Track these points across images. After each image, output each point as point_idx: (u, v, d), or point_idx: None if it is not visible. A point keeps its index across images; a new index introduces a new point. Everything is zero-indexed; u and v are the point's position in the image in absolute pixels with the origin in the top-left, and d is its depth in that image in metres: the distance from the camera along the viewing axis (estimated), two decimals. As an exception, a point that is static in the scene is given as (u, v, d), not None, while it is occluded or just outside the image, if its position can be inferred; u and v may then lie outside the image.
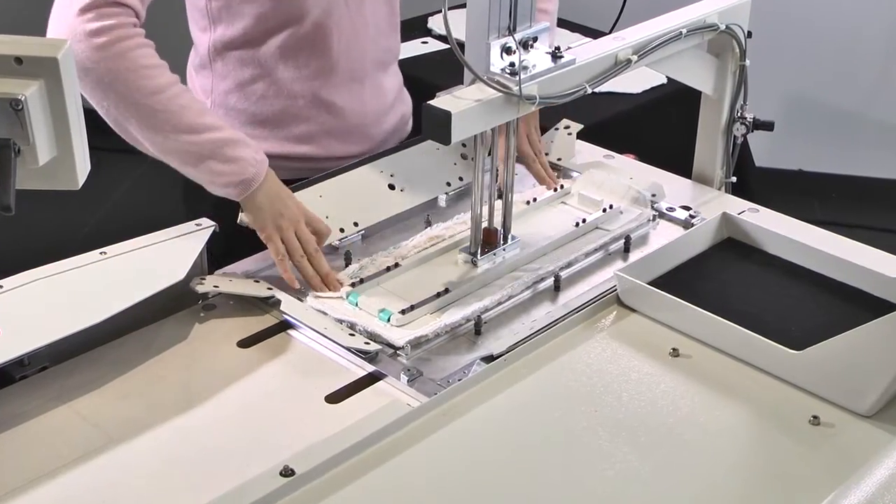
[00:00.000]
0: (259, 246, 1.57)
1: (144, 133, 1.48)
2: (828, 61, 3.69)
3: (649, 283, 1.51)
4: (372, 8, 1.73)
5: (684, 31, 1.63)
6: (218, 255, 1.57)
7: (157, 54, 1.48)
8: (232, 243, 1.59)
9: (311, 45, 1.68)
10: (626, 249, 1.68)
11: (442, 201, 1.79)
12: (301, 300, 1.51)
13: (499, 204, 1.63)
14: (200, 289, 1.49)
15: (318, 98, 1.72)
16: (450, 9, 1.35)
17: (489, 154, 1.58)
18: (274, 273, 1.57)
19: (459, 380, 1.36)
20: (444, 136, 1.38)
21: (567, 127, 2.00)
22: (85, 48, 1.42)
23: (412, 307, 1.49)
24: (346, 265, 1.59)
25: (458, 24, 1.39)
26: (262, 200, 1.52)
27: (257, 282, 1.54)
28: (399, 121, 1.87)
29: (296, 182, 1.66)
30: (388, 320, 1.47)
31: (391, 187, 1.73)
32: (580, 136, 1.98)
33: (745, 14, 1.75)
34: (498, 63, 1.43)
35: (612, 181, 1.83)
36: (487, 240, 1.62)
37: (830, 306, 1.53)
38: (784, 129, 2.68)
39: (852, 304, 1.53)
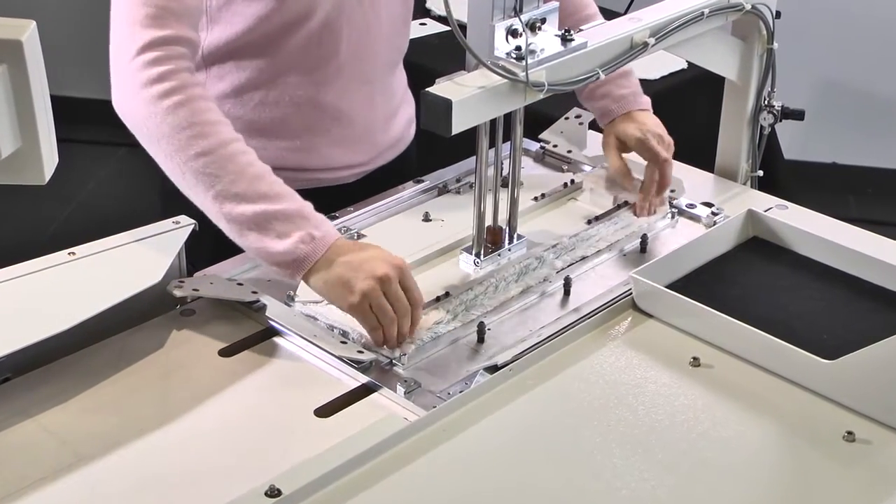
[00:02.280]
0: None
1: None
2: (863, 44, 3.69)
3: (667, 287, 1.52)
4: (387, 0, 1.71)
5: (706, 11, 1.63)
6: (198, 255, 1.57)
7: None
8: (213, 243, 1.59)
9: (317, 47, 1.66)
10: (643, 250, 1.68)
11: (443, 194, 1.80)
12: (289, 305, 1.51)
13: (504, 199, 1.63)
14: (178, 292, 1.50)
15: (323, 104, 1.70)
16: (450, -13, 1.36)
17: (492, 145, 1.58)
18: (260, 275, 1.57)
19: (461, 392, 1.36)
20: (444, 126, 1.38)
21: (578, 116, 2.00)
22: (141, 100, 1.43)
23: (409, 313, 1.49)
24: None
25: (459, 4, 1.39)
26: (327, 279, 1.42)
27: (241, 285, 1.54)
28: (405, 125, 1.86)
29: None
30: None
31: (426, 219, 1.73)
32: (592, 125, 1.98)
33: (773, -8, 1.76)
34: (503, 47, 1.43)
35: (627, 175, 1.83)
36: (491, 239, 1.63)
37: (866, 312, 1.53)
38: (816, 118, 2.69)
39: (891, 310, 1.53)
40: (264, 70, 1.67)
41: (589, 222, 1.72)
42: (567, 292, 1.58)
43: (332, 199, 1.74)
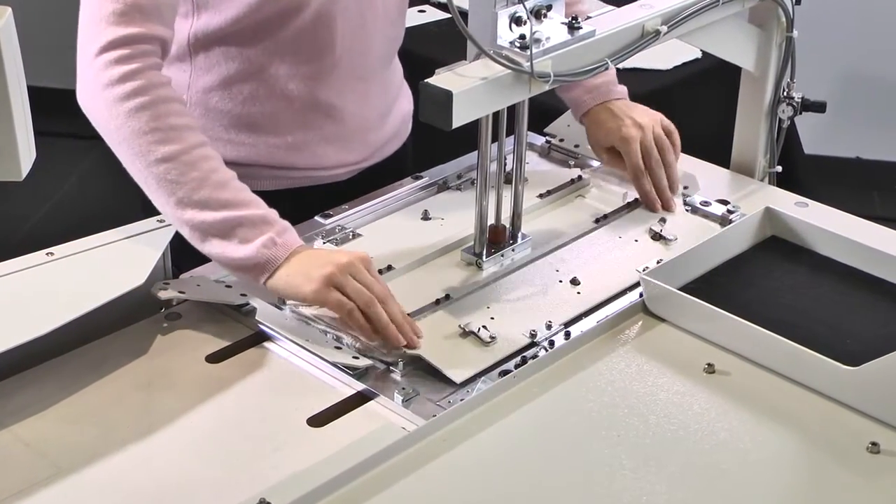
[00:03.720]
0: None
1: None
2: (888, 31, 3.69)
3: (680, 289, 1.52)
4: None
5: (722, -3, 1.64)
6: (184, 256, 1.57)
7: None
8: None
9: (311, 39, 1.66)
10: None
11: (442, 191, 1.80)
12: (280, 308, 1.51)
13: (507, 196, 1.63)
14: (163, 295, 1.50)
15: (316, 100, 1.70)
16: (451, -28, 1.36)
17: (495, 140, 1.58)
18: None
19: (462, 400, 1.36)
20: (444, 119, 1.38)
21: (586, 108, 2.00)
22: (102, 100, 1.45)
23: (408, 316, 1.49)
24: None
25: (460, -11, 1.39)
26: (288, 273, 1.45)
27: (229, 287, 1.54)
28: (400, 122, 1.86)
29: (276, 192, 1.66)
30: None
31: (426, 218, 1.74)
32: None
33: (793, -23, 1.76)
34: (506, 35, 1.43)
35: (638, 171, 1.83)
36: (494, 238, 1.63)
37: (892, 315, 1.53)
38: (838, 110, 2.69)
39: (916, 313, 1.53)
40: (254, 61, 1.67)
41: (597, 221, 1.73)
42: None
43: (323, 197, 1.74)
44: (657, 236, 1.69)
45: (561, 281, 1.59)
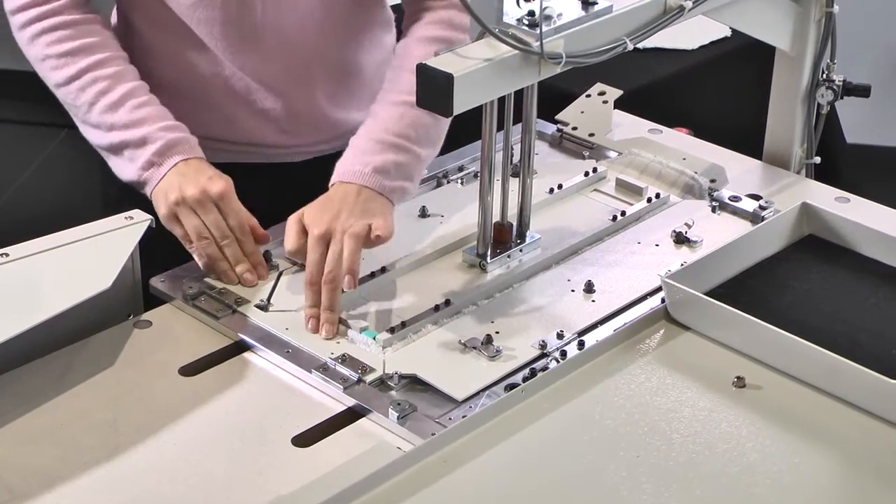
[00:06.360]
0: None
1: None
2: (940, 7, 3.69)
3: (707, 294, 1.52)
4: None
5: (753, -31, 1.64)
6: (154, 256, 1.58)
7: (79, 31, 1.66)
8: (172, 241, 1.60)
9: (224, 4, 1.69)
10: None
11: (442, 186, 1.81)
12: (266, 309, 1.52)
13: (514, 191, 1.64)
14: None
15: (241, 72, 1.74)
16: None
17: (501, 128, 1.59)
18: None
19: (464, 417, 1.37)
20: (443, 105, 1.38)
21: (602, 93, 2.01)
22: (12, 29, 1.68)
23: (404, 324, 1.50)
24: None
25: (461, -40, 1.40)
26: (156, 195, 1.62)
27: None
28: None
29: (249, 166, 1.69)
30: (374, 340, 1.48)
31: (424, 215, 1.74)
32: (618, 104, 1.99)
33: (832, -53, 1.77)
34: (513, 12, 1.44)
35: (658, 163, 1.83)
36: (499, 238, 1.63)
37: (941, 323, 1.54)
38: (883, 94, 2.69)
39: (969, 321, 1.53)
40: (170, 27, 1.71)
41: (614, 218, 1.73)
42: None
43: (276, 180, 1.78)
44: (681, 238, 1.69)
45: (573, 286, 1.60)
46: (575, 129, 1.95)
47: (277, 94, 1.77)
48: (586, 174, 1.83)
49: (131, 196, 1.64)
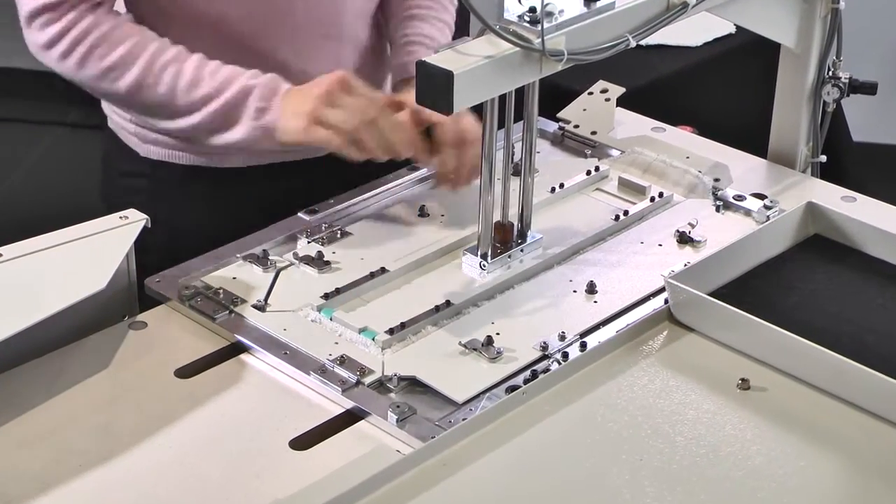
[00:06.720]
0: (215, 243, 1.59)
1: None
2: (948, 4, 3.69)
3: (711, 294, 1.52)
4: None
5: (758, -36, 1.64)
6: (150, 256, 1.58)
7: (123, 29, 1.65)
8: (167, 241, 1.60)
9: None
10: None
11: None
12: (264, 309, 1.52)
13: (515, 190, 1.64)
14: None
15: (277, 63, 1.72)
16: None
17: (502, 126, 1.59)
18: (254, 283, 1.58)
19: (464, 419, 1.37)
20: (443, 102, 1.38)
21: (604, 91, 2.01)
22: (49, 63, 1.65)
23: (403, 325, 1.50)
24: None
25: (461, -44, 1.40)
26: (283, 129, 1.63)
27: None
28: None
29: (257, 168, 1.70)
30: (373, 341, 1.48)
31: (423, 214, 1.75)
32: (621, 102, 1.99)
33: (839, -58, 1.77)
34: (514, 8, 1.44)
35: (661, 162, 1.84)
36: (500, 238, 1.63)
37: (950, 324, 1.54)
38: (890, 92, 2.69)
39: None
40: (203, 21, 1.70)
41: (617, 217, 1.73)
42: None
43: (293, 179, 1.78)
44: (685, 238, 1.69)
45: (575, 287, 1.60)
46: (577, 127, 1.95)
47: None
48: (588, 173, 1.83)
49: (128, 195, 1.64)
